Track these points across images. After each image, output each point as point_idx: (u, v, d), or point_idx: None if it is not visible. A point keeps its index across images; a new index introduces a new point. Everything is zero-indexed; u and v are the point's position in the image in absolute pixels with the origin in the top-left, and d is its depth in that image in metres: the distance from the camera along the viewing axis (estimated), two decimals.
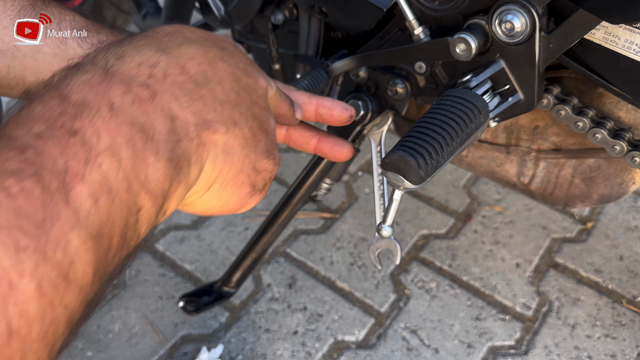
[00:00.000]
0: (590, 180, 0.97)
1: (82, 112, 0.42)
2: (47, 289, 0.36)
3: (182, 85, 0.49)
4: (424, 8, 0.77)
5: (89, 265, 0.39)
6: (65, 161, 0.39)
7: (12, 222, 0.35)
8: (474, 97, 0.73)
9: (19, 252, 0.35)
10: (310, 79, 0.90)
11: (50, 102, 0.42)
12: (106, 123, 0.42)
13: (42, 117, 0.41)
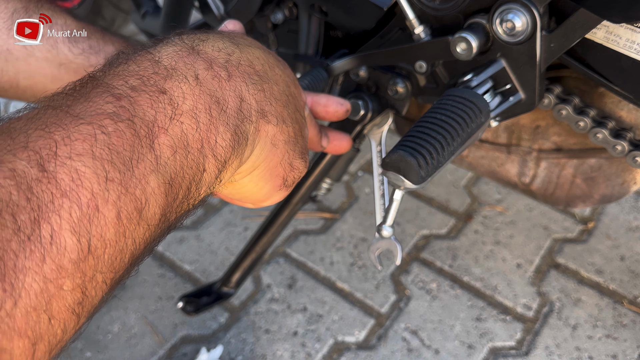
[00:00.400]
0: (591, 180, 0.97)
1: (172, 75, 0.48)
2: (124, 219, 0.41)
3: (250, 75, 0.56)
4: (424, 7, 0.77)
5: (159, 207, 0.45)
6: (154, 113, 0.45)
7: (105, 156, 0.41)
8: (474, 96, 0.73)
9: (107, 181, 0.41)
10: (310, 78, 0.90)
11: (143, 62, 0.49)
12: (191, 89, 0.49)
13: (136, 73, 0.47)
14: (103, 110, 0.43)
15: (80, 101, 0.44)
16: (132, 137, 0.43)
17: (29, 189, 0.38)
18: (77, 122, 0.42)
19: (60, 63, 0.82)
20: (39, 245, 0.37)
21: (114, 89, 0.45)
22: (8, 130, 0.41)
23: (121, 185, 0.41)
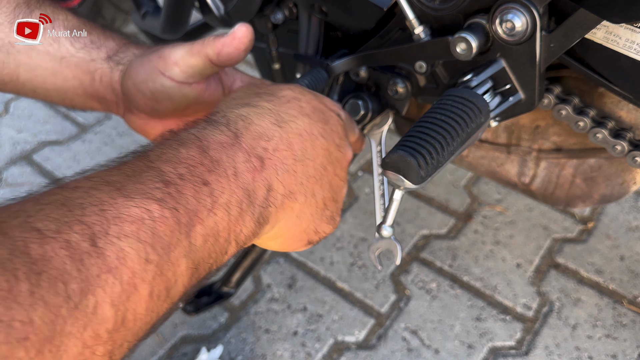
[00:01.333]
0: (591, 180, 0.97)
1: (215, 168, 0.54)
2: (155, 297, 0.47)
3: (284, 160, 0.60)
4: (424, 7, 0.77)
5: (184, 286, 0.50)
6: (196, 203, 0.51)
7: (149, 239, 0.46)
8: (474, 96, 0.73)
9: (146, 263, 0.46)
10: (310, 78, 0.90)
11: (192, 150, 0.54)
12: (229, 184, 0.54)
13: (185, 161, 0.52)
14: (152, 195, 0.48)
15: (132, 181, 0.49)
16: (174, 224, 0.49)
17: (81, 261, 0.42)
18: (128, 204, 0.47)
19: (62, 57, 0.83)
20: (84, 314, 0.41)
21: (164, 174, 0.50)
22: (68, 202, 0.45)
23: (157, 267, 0.47)
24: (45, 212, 0.44)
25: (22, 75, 0.83)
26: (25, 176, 1.81)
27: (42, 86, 0.84)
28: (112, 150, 1.90)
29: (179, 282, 0.50)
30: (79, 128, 2.00)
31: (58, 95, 0.85)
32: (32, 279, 0.39)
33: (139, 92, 0.79)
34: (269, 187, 0.58)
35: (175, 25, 1.06)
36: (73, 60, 0.82)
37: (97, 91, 0.84)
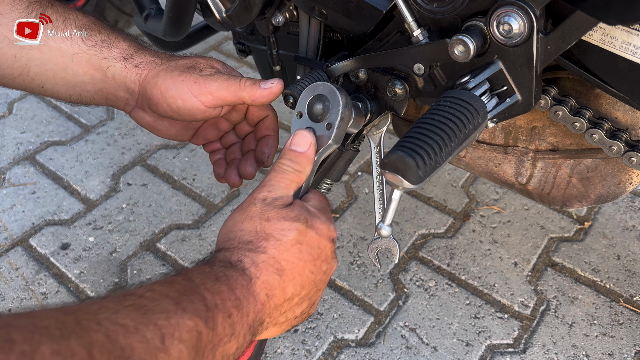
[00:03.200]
0: (587, 181, 0.98)
1: (238, 305, 0.67)
2: None
3: (277, 302, 0.73)
4: (422, 10, 0.78)
5: None
6: (222, 330, 0.64)
7: (194, 347, 0.59)
8: (472, 98, 0.74)
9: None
10: (309, 80, 0.90)
11: (223, 286, 0.67)
12: (241, 319, 0.67)
13: (219, 294, 0.66)
14: (199, 314, 0.62)
15: (185, 299, 0.62)
16: (209, 340, 0.62)
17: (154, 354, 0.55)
18: (184, 317, 0.60)
19: (74, 53, 0.86)
20: None
21: (206, 300, 0.64)
22: (141, 308, 0.58)
23: None
24: (125, 312, 0.56)
25: (32, 70, 0.86)
26: (28, 176, 1.82)
27: (51, 81, 0.87)
28: (115, 150, 1.92)
29: None
30: (82, 128, 2.00)
31: (66, 90, 0.88)
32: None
33: (164, 103, 0.86)
34: (261, 321, 0.72)
35: (177, 28, 1.07)
36: (84, 57, 0.86)
37: (107, 88, 0.88)
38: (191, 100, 0.85)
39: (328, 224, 0.79)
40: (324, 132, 0.80)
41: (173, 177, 1.83)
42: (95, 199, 1.75)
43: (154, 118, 0.91)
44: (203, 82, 0.84)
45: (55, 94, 0.90)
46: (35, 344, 0.45)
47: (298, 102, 0.83)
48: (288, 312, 0.76)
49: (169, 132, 0.95)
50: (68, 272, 1.54)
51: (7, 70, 0.86)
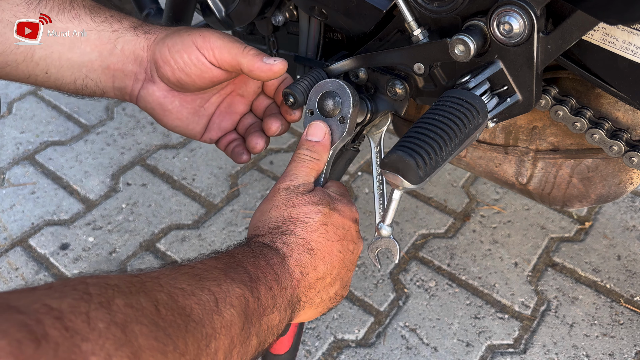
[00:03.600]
0: (588, 180, 0.98)
1: (277, 279, 0.72)
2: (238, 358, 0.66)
3: (310, 280, 0.77)
4: (422, 10, 0.78)
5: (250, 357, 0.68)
6: (265, 301, 0.69)
7: (243, 313, 0.65)
8: (472, 97, 0.74)
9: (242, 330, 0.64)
10: (309, 79, 0.90)
11: (262, 262, 0.72)
12: (283, 294, 0.73)
13: (260, 269, 0.71)
14: (245, 283, 0.67)
15: (232, 270, 0.68)
16: (256, 308, 0.67)
17: (209, 315, 0.60)
18: (233, 285, 0.66)
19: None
20: (210, 354, 0.59)
21: (250, 273, 0.69)
22: (196, 276, 0.64)
23: (245, 335, 0.65)
24: (182, 279, 0.62)
25: (37, 53, 0.84)
26: (28, 176, 1.82)
27: (56, 64, 0.85)
28: (115, 150, 1.91)
29: (250, 354, 0.67)
30: (82, 128, 2.00)
31: (71, 74, 0.86)
32: (184, 318, 0.56)
33: (172, 59, 0.84)
34: (299, 299, 0.76)
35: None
36: (93, 34, 0.85)
37: (115, 62, 0.86)
38: (195, 53, 0.83)
39: (350, 206, 0.84)
40: (338, 126, 0.85)
41: (173, 177, 1.83)
42: (94, 199, 1.75)
43: (164, 93, 0.88)
44: (208, 37, 0.83)
45: (59, 80, 0.87)
46: (109, 297, 0.51)
47: (308, 100, 0.87)
48: (322, 293, 0.80)
49: (180, 116, 0.91)
50: (67, 272, 1.54)
51: (11, 56, 0.84)
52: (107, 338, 0.47)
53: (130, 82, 0.88)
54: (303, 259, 0.77)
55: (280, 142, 1.93)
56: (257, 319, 0.68)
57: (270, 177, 1.81)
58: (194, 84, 0.86)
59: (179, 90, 0.88)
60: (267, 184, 1.79)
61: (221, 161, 1.87)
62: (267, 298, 0.70)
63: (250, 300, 0.67)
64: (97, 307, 0.49)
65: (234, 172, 1.83)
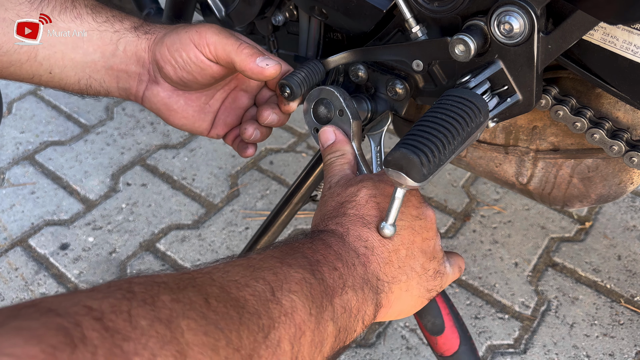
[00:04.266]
0: (588, 180, 0.98)
1: (340, 258, 0.68)
2: (314, 346, 0.60)
3: (381, 255, 0.72)
4: (422, 9, 0.78)
5: (330, 347, 0.64)
6: (332, 281, 0.65)
7: (309, 297, 0.61)
8: (474, 96, 0.74)
9: (310, 315, 0.60)
10: (306, 70, 0.90)
11: (319, 245, 0.69)
12: (351, 272, 0.68)
13: (318, 251, 0.67)
14: (305, 267, 0.64)
15: (289, 257, 0.65)
16: (322, 291, 0.63)
17: (265, 305, 0.56)
18: (291, 270, 0.62)
19: (84, 31, 0.84)
20: (271, 345, 0.55)
21: (308, 256, 0.66)
22: (250, 266, 0.61)
23: (316, 320, 0.60)
24: (235, 271, 0.59)
25: (40, 53, 0.83)
26: (28, 176, 1.82)
27: (59, 64, 0.85)
28: (114, 150, 1.91)
29: (328, 342, 0.63)
30: (82, 128, 2.00)
31: (75, 74, 0.86)
32: (237, 310, 0.54)
33: (172, 58, 0.83)
34: (377, 277, 0.71)
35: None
36: (95, 34, 0.84)
37: (118, 63, 0.86)
38: (193, 51, 0.82)
39: None
40: (342, 119, 0.87)
41: (172, 177, 1.83)
42: (94, 199, 1.75)
43: (168, 93, 0.88)
44: (204, 32, 0.82)
45: (63, 80, 0.87)
46: (154, 294, 0.49)
47: (306, 121, 0.90)
48: (405, 268, 0.74)
49: (186, 114, 0.91)
50: (67, 272, 1.54)
51: (14, 55, 0.83)
52: (151, 336, 0.45)
53: (135, 83, 0.88)
54: (363, 233, 0.72)
55: (281, 142, 1.93)
56: (328, 301, 0.63)
57: (270, 177, 1.82)
58: (196, 82, 0.86)
59: (183, 89, 0.88)
60: (267, 184, 1.79)
61: (221, 161, 1.87)
62: (334, 278, 0.66)
63: (314, 282, 0.63)
64: (140, 304, 0.47)
65: (234, 172, 1.83)
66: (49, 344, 0.39)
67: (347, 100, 0.85)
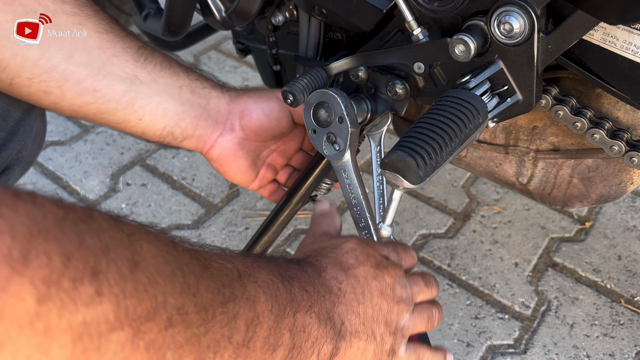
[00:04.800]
0: (588, 180, 0.98)
1: (312, 283, 0.71)
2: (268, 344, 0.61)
3: (351, 302, 0.74)
4: (423, 9, 0.78)
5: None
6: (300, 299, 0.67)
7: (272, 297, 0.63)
8: (472, 97, 0.74)
9: (269, 312, 0.61)
10: (309, 77, 0.90)
11: (295, 267, 0.72)
12: (321, 301, 0.70)
13: (291, 269, 0.71)
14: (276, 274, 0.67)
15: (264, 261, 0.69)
16: (288, 300, 0.65)
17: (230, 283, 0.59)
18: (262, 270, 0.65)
19: (180, 85, 0.96)
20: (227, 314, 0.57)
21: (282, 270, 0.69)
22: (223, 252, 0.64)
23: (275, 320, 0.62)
24: (210, 250, 0.62)
25: (138, 102, 0.93)
26: (27, 176, 1.82)
27: (153, 112, 0.94)
28: (114, 150, 1.91)
29: (280, 351, 0.63)
30: (81, 128, 2.00)
31: (163, 120, 0.95)
32: (202, 267, 0.55)
33: (258, 108, 0.99)
34: (342, 322, 0.72)
35: (176, 27, 1.07)
36: (188, 89, 0.96)
37: (202, 114, 0.98)
38: (280, 103, 0.99)
39: (381, 244, 0.86)
40: (340, 127, 0.86)
41: (172, 177, 1.83)
42: (94, 199, 1.75)
43: (237, 141, 1.00)
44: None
45: (149, 127, 0.95)
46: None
47: (305, 122, 0.90)
48: (368, 328, 0.75)
49: (242, 165, 1.03)
50: None
51: (113, 104, 0.92)
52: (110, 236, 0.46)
53: (210, 130, 0.99)
54: (339, 276, 0.75)
55: None
56: (292, 312, 0.65)
57: None
58: (269, 129, 1.00)
59: (253, 138, 1.01)
60: None
61: None
62: (302, 294, 0.67)
63: (281, 288, 0.64)
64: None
65: None
66: None
67: (349, 108, 0.85)
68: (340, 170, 0.91)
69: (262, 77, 1.36)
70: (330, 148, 0.89)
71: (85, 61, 0.88)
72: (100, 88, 0.90)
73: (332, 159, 0.90)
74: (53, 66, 0.87)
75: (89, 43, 0.89)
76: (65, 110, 0.91)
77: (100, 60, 0.89)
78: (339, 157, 0.89)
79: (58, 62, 0.87)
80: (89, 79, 0.89)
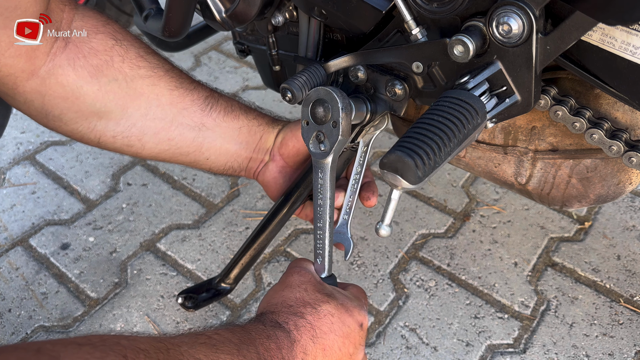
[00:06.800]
0: (587, 181, 0.98)
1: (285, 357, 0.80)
2: None
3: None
4: (422, 10, 0.78)
5: None
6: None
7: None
8: (471, 98, 0.74)
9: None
10: (307, 74, 0.90)
11: (272, 344, 0.80)
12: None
13: (270, 351, 0.78)
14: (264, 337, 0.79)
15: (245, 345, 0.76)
16: None
17: None
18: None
19: (240, 127, 1.09)
20: None
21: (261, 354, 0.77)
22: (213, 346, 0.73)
23: None
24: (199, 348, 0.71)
25: (204, 146, 1.07)
26: (28, 176, 1.82)
27: (217, 152, 1.09)
28: None
29: None
30: None
31: (225, 158, 1.10)
32: None
33: (294, 137, 1.07)
34: None
35: (177, 28, 1.07)
36: (245, 129, 1.09)
37: (256, 148, 1.11)
38: None
39: (360, 310, 0.91)
40: (332, 131, 0.87)
41: (173, 177, 1.83)
42: (95, 199, 1.75)
43: (278, 168, 1.12)
44: None
45: (214, 164, 1.11)
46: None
47: (301, 111, 0.90)
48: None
49: (282, 188, 1.13)
50: (68, 272, 1.54)
51: (184, 149, 1.06)
52: None
53: (257, 163, 1.13)
54: (308, 346, 0.83)
55: None
56: None
57: None
58: (307, 152, 1.08)
59: (292, 164, 1.11)
60: None
61: None
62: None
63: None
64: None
65: None
66: None
67: (346, 117, 0.86)
68: (318, 168, 0.92)
69: (262, 78, 1.37)
70: (316, 145, 0.90)
71: (159, 116, 1.02)
72: (174, 137, 1.04)
73: (315, 156, 0.91)
74: (132, 124, 1.01)
75: (162, 100, 1.02)
76: (147, 157, 1.08)
77: (172, 113, 1.03)
78: (322, 157, 0.90)
79: (136, 119, 1.01)
80: (163, 131, 1.03)
